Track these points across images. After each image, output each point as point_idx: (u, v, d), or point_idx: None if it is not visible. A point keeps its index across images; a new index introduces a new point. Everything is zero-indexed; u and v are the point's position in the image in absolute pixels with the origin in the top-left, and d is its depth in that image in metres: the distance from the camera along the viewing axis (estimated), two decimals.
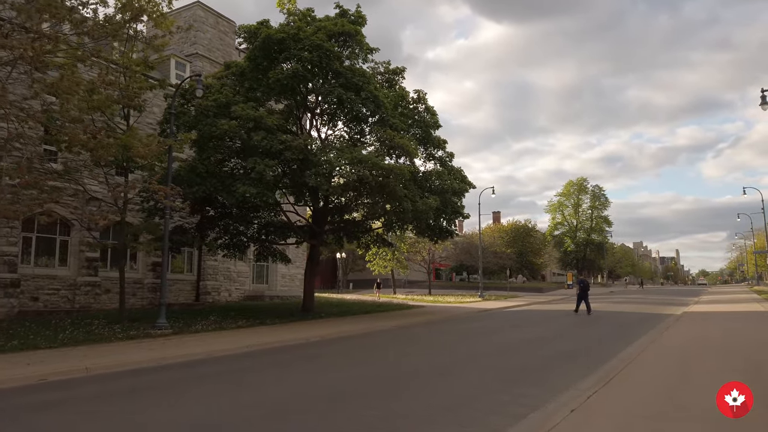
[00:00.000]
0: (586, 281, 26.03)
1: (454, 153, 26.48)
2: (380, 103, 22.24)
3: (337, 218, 27.56)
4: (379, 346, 14.65)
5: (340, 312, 27.03)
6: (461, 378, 9.33)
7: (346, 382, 8.77)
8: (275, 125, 20.25)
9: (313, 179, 20.28)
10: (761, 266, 78.12)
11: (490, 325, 20.80)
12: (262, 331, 18.16)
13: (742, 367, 9.36)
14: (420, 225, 25.27)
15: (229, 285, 33.70)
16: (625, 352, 11.79)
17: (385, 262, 48.71)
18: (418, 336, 17.18)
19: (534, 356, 11.98)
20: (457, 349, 13.63)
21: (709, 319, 19.72)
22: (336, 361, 11.67)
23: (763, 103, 21.79)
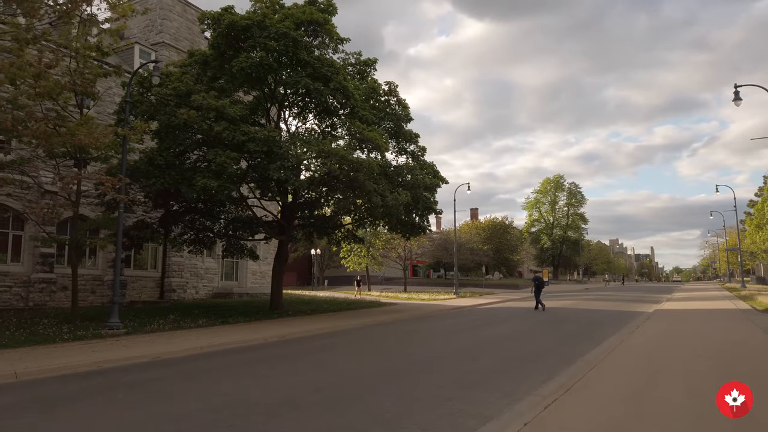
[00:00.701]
0: (540, 278, 26.64)
1: (426, 147, 25.91)
2: (350, 94, 21.51)
3: (306, 214, 26.79)
4: (335, 347, 13.99)
5: (309, 310, 26.30)
6: (412, 383, 8.70)
7: (277, 393, 8.01)
8: (238, 116, 19.39)
9: (278, 172, 19.50)
10: (733, 263, 79.32)
11: (459, 324, 20.27)
12: (220, 331, 17.35)
13: (712, 371, 8.91)
14: (391, 220, 24.62)
15: (196, 282, 32.73)
16: (592, 353, 11.30)
17: (359, 259, 48.11)
18: (381, 336, 16.55)
19: (497, 357, 11.43)
20: (418, 350, 13.03)
21: (680, 318, 19.45)
22: (279, 366, 10.94)
23: (736, 99, 21.61)
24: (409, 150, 25.97)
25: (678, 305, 26.77)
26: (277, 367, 10.70)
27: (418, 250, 55.23)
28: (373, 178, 22.36)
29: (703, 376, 8.43)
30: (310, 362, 11.27)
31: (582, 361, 10.44)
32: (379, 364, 10.82)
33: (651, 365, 9.55)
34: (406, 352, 12.92)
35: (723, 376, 8.42)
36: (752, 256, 63.28)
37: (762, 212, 45.22)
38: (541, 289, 25.99)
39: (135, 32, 32.47)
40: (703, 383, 7.89)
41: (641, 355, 10.65)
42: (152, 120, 20.71)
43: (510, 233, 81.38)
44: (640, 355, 10.77)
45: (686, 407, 6.54)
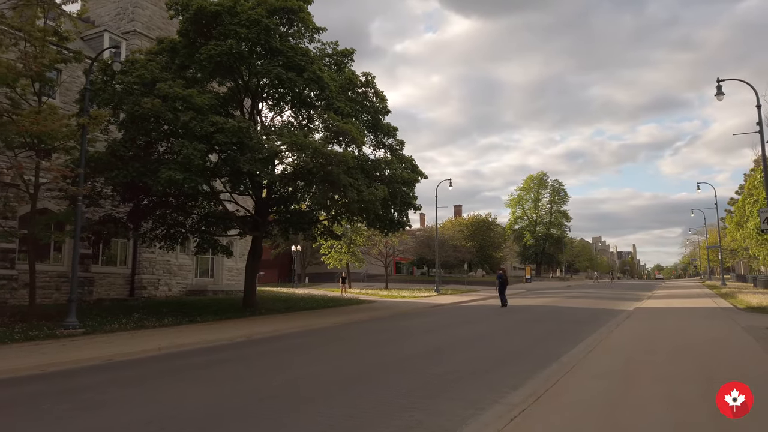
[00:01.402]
0: (504, 276, 26.89)
1: (404, 141, 25.25)
2: (324, 85, 20.78)
3: (282, 209, 26.02)
4: (302, 348, 13.32)
5: (284, 308, 25.55)
6: (373, 389, 8.05)
7: (220, 402, 7.29)
8: (207, 105, 18.55)
9: (249, 165, 18.73)
10: (713, 261, 79.95)
11: (435, 322, 19.70)
12: (186, 331, 16.58)
13: (693, 374, 8.38)
14: (368, 216, 23.94)
15: (169, 279, 31.75)
16: (568, 354, 10.75)
17: (340, 256, 47.36)
18: (353, 335, 15.89)
19: (470, 359, 10.82)
20: (388, 351, 12.40)
21: (660, 316, 19.06)
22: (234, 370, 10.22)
23: (719, 93, 21.25)
24: (387, 144, 25.29)
25: (659, 303, 26.48)
26: (232, 371, 9.98)
27: (400, 246, 54.61)
28: (348, 172, 21.66)
29: (683, 381, 7.89)
30: (270, 365, 10.56)
31: (557, 363, 9.87)
32: (343, 368, 10.15)
33: (628, 368, 9.00)
34: (376, 353, 12.27)
35: (704, 380, 7.90)
36: (732, 254, 63.68)
37: (742, 210, 45.26)
38: (505, 287, 26.20)
39: (106, 20, 31.38)
40: (684, 389, 7.35)
41: (619, 357, 10.12)
42: (117, 109, 19.80)
43: (493, 230, 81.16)
44: (617, 356, 10.24)
45: (664, 419, 5.97)
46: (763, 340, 11.40)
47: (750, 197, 38.17)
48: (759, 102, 21.06)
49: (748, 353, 10.09)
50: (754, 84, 20.81)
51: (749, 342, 11.33)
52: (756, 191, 36.32)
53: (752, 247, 40.08)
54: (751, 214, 32.55)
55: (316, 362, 10.85)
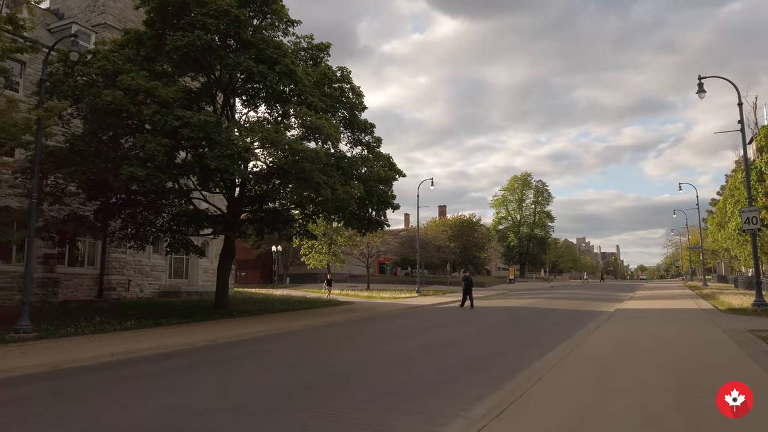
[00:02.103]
0: (469, 278, 27.07)
1: (381, 138, 24.62)
2: (297, 79, 20.05)
3: (256, 208, 25.24)
4: (261, 354, 12.60)
5: (258, 310, 24.77)
6: (324, 402, 7.36)
7: (145, 421, 6.58)
8: (172, 99, 17.73)
9: (216, 161, 17.95)
10: (695, 262, 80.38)
11: (411, 325, 19.08)
12: (146, 334, 15.76)
13: (672, 386, 7.82)
14: (344, 215, 23.26)
15: (140, 280, 30.78)
16: (542, 360, 10.16)
17: (320, 256, 46.61)
18: (321, 340, 15.20)
19: (437, 366, 10.19)
20: (353, 357, 11.72)
21: (640, 318, 18.60)
22: (180, 380, 9.48)
23: (700, 91, 20.90)
24: (364, 141, 24.64)
25: (639, 304, 26.10)
26: (177, 382, 9.23)
27: (383, 247, 53.94)
28: (323, 169, 20.98)
29: (661, 392, 7.32)
30: (221, 375, 9.83)
31: (529, 370, 9.27)
32: (300, 377, 9.45)
33: (604, 378, 8.42)
34: (340, 359, 11.58)
35: (683, 391, 7.34)
36: (714, 255, 63.92)
37: (723, 211, 45.24)
38: (470, 288, 26.41)
39: (75, 12, 30.35)
40: (661, 401, 6.77)
41: (594, 365, 9.54)
42: (79, 102, 18.91)
43: (477, 231, 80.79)
44: (593, 364, 9.66)
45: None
46: (745, 345, 10.91)
47: (731, 198, 38.07)
48: (740, 100, 20.77)
49: (730, 360, 9.57)
50: (735, 85, 20.48)
51: (731, 347, 10.83)
52: (737, 192, 36.19)
53: (733, 248, 39.97)
54: (732, 215, 32.36)
55: (273, 371, 10.14)
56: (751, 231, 19.56)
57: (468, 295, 26.24)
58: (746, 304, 21.02)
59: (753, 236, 20.05)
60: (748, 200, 20.11)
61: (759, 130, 29.41)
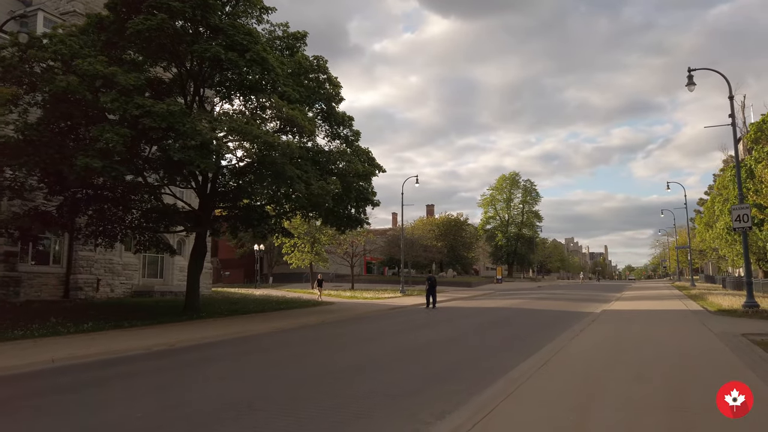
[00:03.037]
0: (433, 278, 27.39)
1: (360, 132, 23.58)
2: (269, 67, 18.98)
3: (230, 204, 24.13)
4: (214, 361, 11.60)
5: (231, 311, 23.68)
6: (264, 420, 6.36)
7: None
8: (132, 86, 16.60)
9: (180, 153, 16.87)
10: (683, 262, 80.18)
11: (387, 327, 18.12)
12: (101, 338, 14.66)
13: (660, 397, 6.90)
14: (319, 211, 22.26)
15: (111, 279, 29.52)
16: (517, 369, 9.21)
17: (303, 255, 45.52)
18: (285, 344, 14.18)
19: (401, 375, 9.22)
20: (311, 364, 10.73)
21: (627, 321, 17.77)
22: (110, 392, 8.44)
23: (690, 83, 20.13)
24: (342, 134, 23.61)
25: (626, 305, 25.31)
26: (105, 396, 8.18)
27: (368, 246, 52.98)
28: (297, 163, 19.98)
29: (647, 408, 6.40)
30: (155, 385, 8.80)
31: (503, 380, 8.32)
32: (245, 389, 8.42)
33: (585, 389, 7.49)
34: (297, 367, 10.57)
35: (673, 408, 6.42)
36: (701, 255, 63.61)
37: (711, 210, 44.80)
38: (433, 289, 26.40)
39: (43, 0, 29.04)
40: (648, 421, 5.85)
41: (576, 373, 8.62)
42: (34, 90, 17.72)
43: (465, 230, 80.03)
44: (574, 372, 8.74)
45: None
46: (740, 351, 10.04)
47: (719, 197, 37.55)
48: (731, 93, 20.03)
49: (725, 368, 8.68)
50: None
51: (725, 353, 9.95)
52: (725, 191, 35.66)
53: (722, 248, 39.47)
54: (721, 213, 31.77)
55: (215, 382, 9.11)
56: (742, 229, 18.80)
57: (431, 295, 26.17)
58: (736, 305, 20.29)
59: (744, 235, 19.29)
60: (739, 197, 19.34)
61: (749, 127, 28.80)
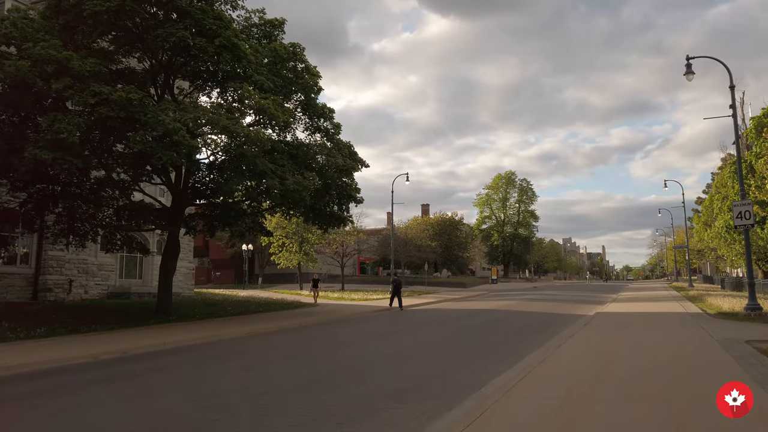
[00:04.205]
0: (398, 280, 27.41)
1: (340, 124, 22.37)
2: (241, 54, 17.79)
3: (206, 202, 22.94)
4: (159, 372, 10.40)
5: (206, 313, 22.50)
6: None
7: None
8: (88, 72, 15.39)
9: (141, 144, 15.69)
10: (680, 262, 79.17)
11: (362, 332, 16.95)
12: (49, 345, 13.53)
13: (655, 425, 5.73)
14: (297, 208, 21.07)
15: (85, 280, 28.28)
16: (493, 384, 8.04)
17: (290, 255, 44.34)
18: (246, 351, 12.99)
19: (356, 391, 8.03)
20: (264, 376, 9.53)
21: (622, 324, 16.61)
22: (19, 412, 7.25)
23: (688, 72, 19.01)
24: (323, 127, 22.42)
25: (622, 307, 24.16)
26: (11, 416, 6.99)
27: (359, 245, 51.81)
28: (271, 156, 18.82)
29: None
30: (74, 404, 7.60)
31: (473, 398, 7.16)
32: (171, 408, 7.24)
33: (565, 413, 6.31)
34: (247, 379, 9.39)
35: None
36: (699, 255, 62.55)
37: (710, 209, 43.73)
38: (398, 290, 26.42)
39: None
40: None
41: (558, 390, 7.44)
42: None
43: (460, 230, 78.91)
44: (556, 387, 7.57)
45: None
46: (745, 362, 8.88)
47: (718, 195, 36.50)
48: (732, 83, 18.91)
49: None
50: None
51: (728, 364, 8.77)
52: (724, 189, 34.63)
53: (720, 247, 38.39)
54: (720, 212, 30.68)
55: (146, 399, 7.92)
56: (744, 227, 17.66)
57: (396, 296, 26.19)
58: (737, 307, 19.16)
59: (746, 232, 18.14)
60: (741, 192, 18.19)
61: (749, 122, 27.72)
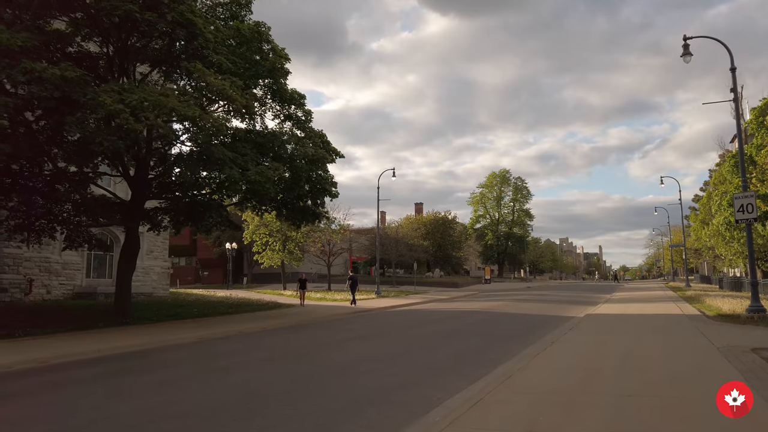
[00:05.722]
0: (355, 277, 29.29)
1: (312, 111, 20.83)
2: (197, 32, 16.25)
3: (169, 195, 21.35)
4: (66, 386, 8.87)
5: (170, 315, 20.96)
6: None
7: None
8: (21, 47, 13.81)
9: (79, 128, 14.15)
10: (677, 262, 77.80)
11: (327, 337, 15.43)
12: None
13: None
14: (263, 201, 19.54)
15: (48, 279, 26.71)
16: (445, 405, 6.52)
17: (273, 254, 42.75)
18: (177, 362, 11.42)
19: (302, 409, 6.52)
20: (173, 400, 8.00)
21: (612, 328, 15.11)
22: None
23: (685, 54, 17.53)
24: (294, 115, 20.86)
25: (614, 308, 22.64)
26: None
27: (344, 244, 50.21)
28: (231, 144, 17.30)
29: None
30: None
31: (418, 425, 5.61)
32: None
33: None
34: (151, 399, 7.86)
35: None
36: (697, 254, 61.15)
37: (707, 207, 42.32)
38: (355, 287, 28.34)
39: None
40: None
41: (521, 416, 5.91)
42: None
43: (453, 229, 77.34)
44: (516, 418, 6.03)
45: None
46: (753, 376, 7.36)
47: (716, 191, 35.09)
48: (733, 65, 17.42)
49: None
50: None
51: (735, 380, 7.24)
52: (722, 186, 33.23)
53: (718, 246, 36.93)
54: (719, 208, 29.18)
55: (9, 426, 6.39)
56: (746, 221, 16.17)
57: (352, 293, 28.06)
58: (738, 308, 17.66)
59: (748, 227, 16.66)
60: (742, 180, 16.69)
61: (749, 113, 26.26)
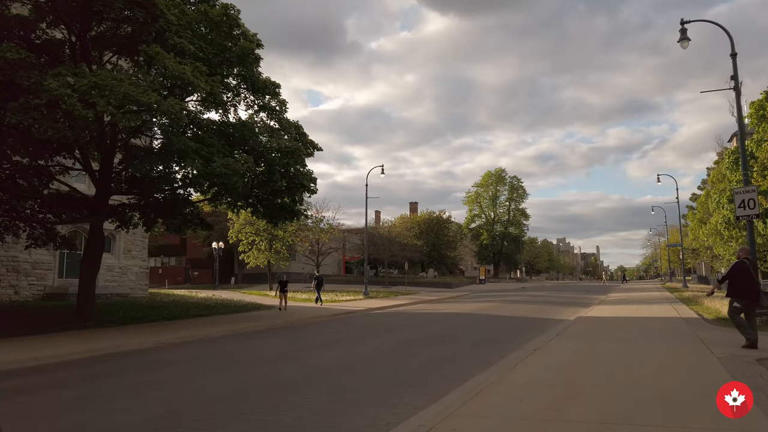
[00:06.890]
0: (320, 277, 30.07)
1: (287, 101, 19.63)
2: (157, 12, 15.06)
3: (139, 191, 20.15)
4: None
5: (135, 318, 19.71)
6: None
7: None
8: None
9: (19, 114, 12.96)
10: (674, 262, 76.76)
11: (293, 343, 14.25)
12: None
13: None
14: (233, 196, 18.36)
15: (16, 280, 25.54)
16: (398, 429, 5.34)
17: (259, 254, 41.55)
18: (113, 372, 10.21)
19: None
20: (84, 420, 6.82)
21: (603, 333, 13.96)
22: None
23: (683, 39, 16.40)
24: (269, 105, 19.67)
25: (608, 311, 21.49)
26: None
27: (334, 244, 49.07)
28: (194, 136, 16.13)
29: None
30: None
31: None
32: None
33: None
34: (75, 420, 6.68)
35: None
36: (694, 254, 60.08)
37: (705, 206, 41.30)
38: (320, 287, 29.18)
39: None
40: None
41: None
42: None
43: (448, 228, 76.20)
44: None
45: None
46: (763, 394, 6.20)
47: (714, 189, 34.04)
48: (734, 50, 16.29)
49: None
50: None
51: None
52: (720, 184, 32.20)
53: (716, 246, 35.85)
54: (718, 206, 28.09)
55: None
56: (748, 217, 15.02)
57: (318, 293, 28.83)
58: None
59: (749, 225, 15.51)
60: (743, 174, 15.54)
61: (748, 107, 25.16)
